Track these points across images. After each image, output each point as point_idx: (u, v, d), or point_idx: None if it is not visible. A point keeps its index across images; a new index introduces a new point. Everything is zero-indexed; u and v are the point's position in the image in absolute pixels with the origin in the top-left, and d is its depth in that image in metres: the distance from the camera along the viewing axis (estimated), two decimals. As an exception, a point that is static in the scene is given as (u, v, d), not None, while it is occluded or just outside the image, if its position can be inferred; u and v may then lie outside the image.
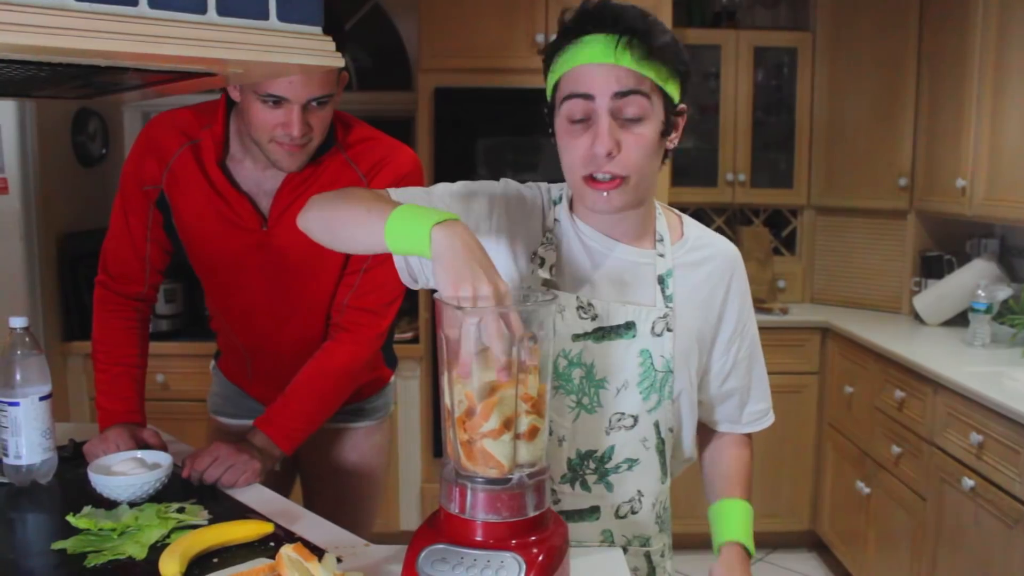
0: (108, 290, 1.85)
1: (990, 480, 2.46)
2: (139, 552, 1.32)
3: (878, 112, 3.73)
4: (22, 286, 3.22)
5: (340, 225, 1.25)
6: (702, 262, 1.42)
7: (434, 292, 1.15)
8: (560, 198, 1.41)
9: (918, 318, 3.60)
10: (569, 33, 1.28)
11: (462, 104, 3.49)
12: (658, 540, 1.45)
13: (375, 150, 1.77)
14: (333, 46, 1.18)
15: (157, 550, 1.31)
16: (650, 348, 1.35)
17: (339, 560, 1.29)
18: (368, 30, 4.01)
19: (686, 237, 1.43)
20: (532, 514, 1.15)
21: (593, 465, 1.36)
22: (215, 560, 1.31)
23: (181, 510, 1.48)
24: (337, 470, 2.02)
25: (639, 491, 1.39)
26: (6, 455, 1.60)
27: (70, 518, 1.42)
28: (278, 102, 1.58)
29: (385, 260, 1.71)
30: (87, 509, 1.46)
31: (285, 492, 1.97)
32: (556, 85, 1.30)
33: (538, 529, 1.16)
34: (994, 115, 3.05)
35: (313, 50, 1.17)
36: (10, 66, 1.12)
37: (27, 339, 1.59)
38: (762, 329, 4.01)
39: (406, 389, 3.61)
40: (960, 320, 3.43)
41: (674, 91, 1.29)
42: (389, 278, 1.70)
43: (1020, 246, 3.44)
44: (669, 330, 1.36)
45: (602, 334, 1.34)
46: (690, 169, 4.02)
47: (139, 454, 1.63)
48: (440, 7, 3.48)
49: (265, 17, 1.12)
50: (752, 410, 1.51)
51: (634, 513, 1.40)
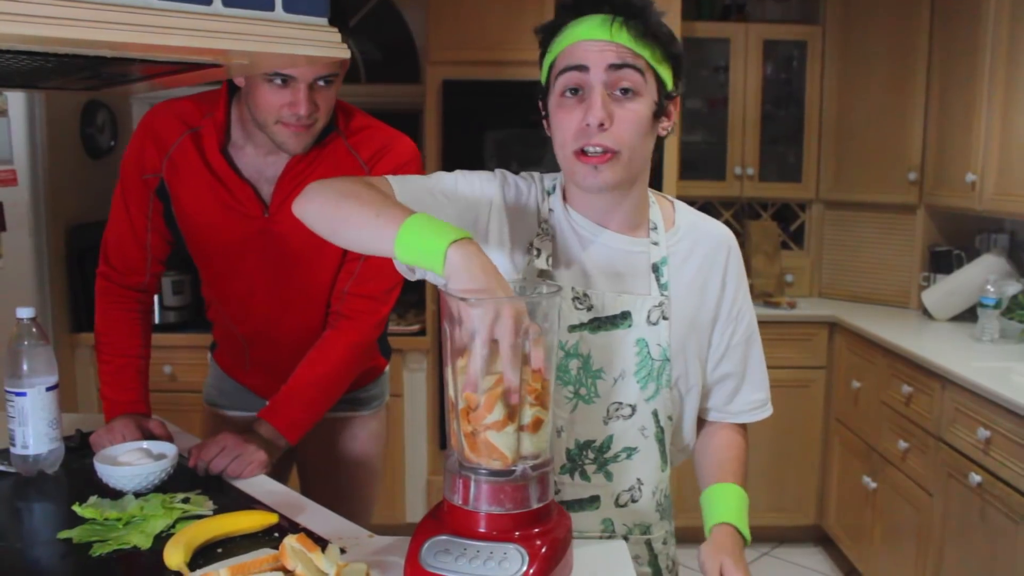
0: (110, 281, 1.86)
1: (997, 476, 2.45)
2: (144, 542, 1.33)
3: (887, 106, 3.71)
4: (30, 277, 3.23)
5: (344, 225, 1.23)
6: (696, 248, 1.41)
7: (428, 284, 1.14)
8: (554, 188, 1.41)
9: (926, 313, 3.59)
10: (566, 13, 1.30)
11: (470, 97, 3.49)
12: (659, 528, 1.45)
13: (376, 138, 1.79)
14: (339, 37, 1.18)
15: (162, 540, 1.31)
16: (646, 337, 1.35)
17: (343, 551, 1.30)
18: (377, 23, 4.00)
19: (679, 224, 1.42)
20: (535, 506, 1.15)
21: (592, 455, 1.36)
22: (219, 550, 1.32)
23: (186, 500, 1.48)
24: (334, 459, 2.03)
25: (639, 479, 1.39)
26: (13, 445, 1.60)
27: (76, 508, 1.43)
28: (285, 81, 1.60)
29: None
30: (93, 499, 1.47)
31: (282, 483, 1.97)
32: (552, 64, 1.31)
33: (541, 521, 1.16)
34: (1005, 109, 3.03)
35: (319, 41, 1.17)
36: (17, 57, 1.12)
37: (34, 330, 1.60)
38: (770, 323, 4.01)
39: (412, 381, 3.62)
40: (969, 315, 3.41)
41: (667, 75, 1.30)
42: (389, 265, 1.73)
43: (1030, 241, 3.43)
44: (665, 318, 1.36)
45: (598, 324, 1.34)
46: (698, 163, 4.02)
47: (145, 444, 1.63)
48: (449, 0, 3.48)
49: (271, 8, 1.11)
50: (747, 399, 1.48)
51: (634, 502, 1.40)
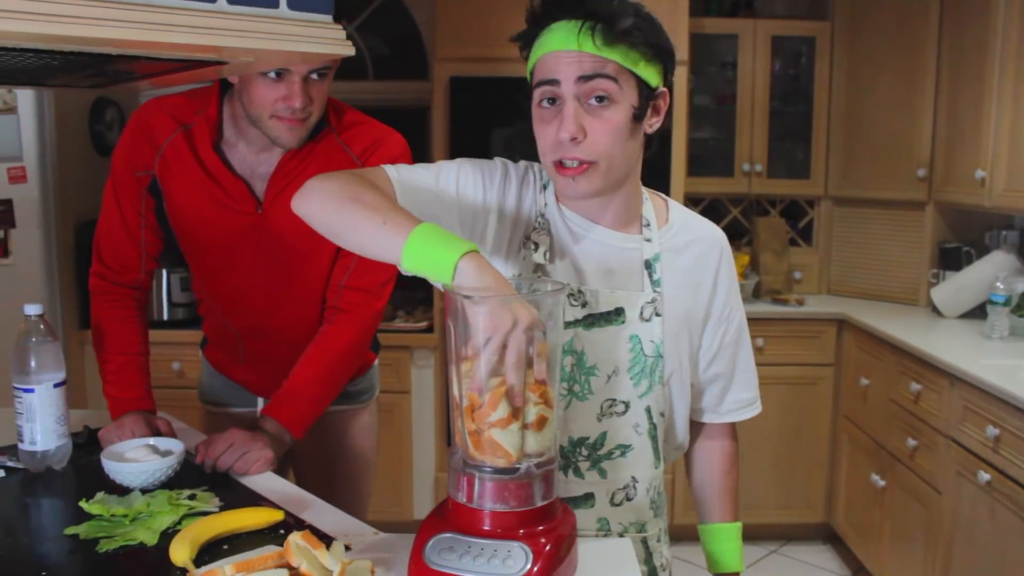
0: (105, 280, 1.86)
1: (1006, 474, 2.44)
2: (150, 538, 1.33)
3: (896, 102, 3.69)
4: (40, 274, 3.25)
5: (348, 229, 1.21)
6: (689, 246, 1.41)
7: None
8: (548, 182, 1.40)
9: (935, 310, 3.57)
10: (537, 21, 1.28)
11: (477, 93, 3.49)
12: (653, 525, 1.45)
13: (368, 133, 1.81)
14: (343, 34, 1.18)
15: (168, 536, 1.32)
16: (639, 334, 1.35)
17: (348, 548, 1.30)
18: (384, 19, 4.00)
19: (672, 221, 1.42)
20: (540, 504, 1.15)
21: (585, 452, 1.36)
22: (225, 547, 1.32)
23: (192, 497, 1.49)
24: (326, 453, 2.04)
25: (633, 477, 1.39)
26: (21, 441, 1.61)
27: (83, 504, 1.43)
28: (279, 75, 1.61)
29: None
30: (100, 495, 1.47)
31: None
32: (532, 73, 1.31)
33: (546, 519, 1.16)
34: (1015, 105, 3.01)
35: (324, 38, 1.17)
36: (23, 55, 1.12)
37: (42, 326, 1.60)
38: (778, 320, 3.99)
39: (420, 378, 3.62)
40: (978, 313, 3.40)
41: (650, 73, 1.26)
42: None
43: (1040, 238, 3.41)
44: (658, 315, 1.36)
45: (592, 321, 1.34)
46: (706, 159, 4.01)
47: (152, 441, 1.64)
48: (456, -4, 3.47)
49: (275, 5, 1.12)
50: (736, 398, 1.49)
51: (629, 500, 1.40)
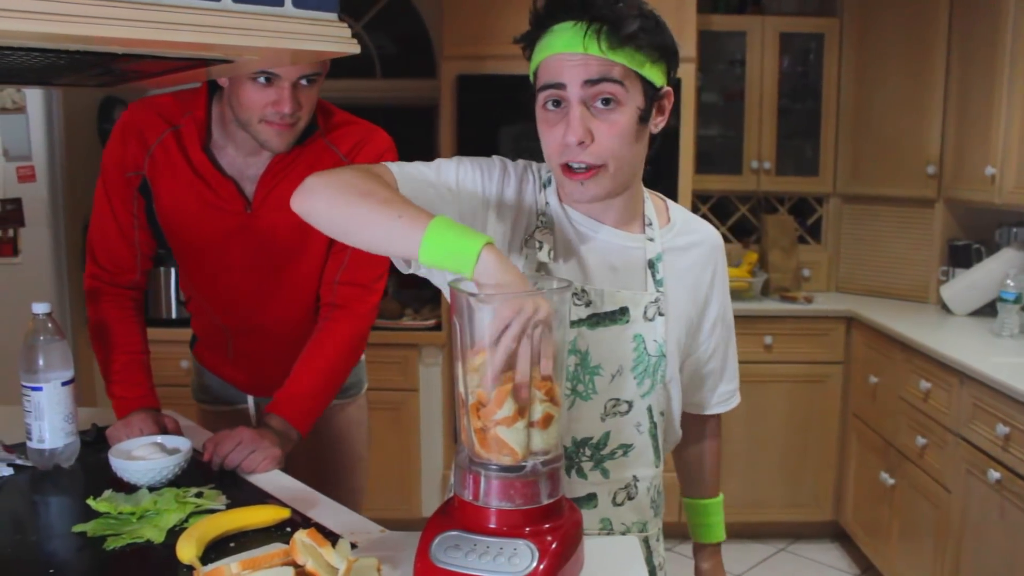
0: (101, 282, 1.86)
1: (1016, 472, 2.42)
2: (157, 536, 1.34)
3: (906, 99, 3.67)
4: (48, 273, 3.26)
5: (360, 225, 1.19)
6: (690, 246, 1.41)
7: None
8: (549, 180, 1.39)
9: (945, 308, 3.55)
10: (540, 22, 1.26)
11: (485, 91, 3.48)
12: (653, 524, 1.45)
13: (354, 133, 1.82)
14: (348, 32, 1.18)
15: (175, 534, 1.32)
16: (643, 333, 1.35)
17: (354, 546, 1.30)
18: (392, 18, 4.00)
19: (673, 221, 1.42)
20: (546, 502, 1.15)
21: (589, 452, 1.36)
22: (232, 544, 1.32)
23: (199, 495, 1.49)
24: (316, 447, 2.04)
25: (635, 476, 1.39)
26: (29, 439, 1.62)
27: (91, 502, 1.44)
28: (269, 80, 1.62)
29: None
30: (107, 493, 1.47)
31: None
32: (535, 74, 1.29)
33: (552, 517, 1.16)
34: (1025, 101, 2.99)
35: (329, 36, 1.17)
36: (29, 54, 1.12)
37: (49, 325, 1.61)
38: (786, 318, 3.97)
39: (428, 376, 3.62)
40: (988, 310, 3.38)
41: (655, 74, 1.25)
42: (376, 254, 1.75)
43: (1051, 235, 3.38)
44: (661, 314, 1.35)
45: (596, 320, 1.33)
46: (715, 156, 4.00)
47: (159, 439, 1.64)
48: (463, -6, 3.47)
49: (280, 3, 1.11)
50: (722, 391, 1.54)
51: (631, 499, 1.40)
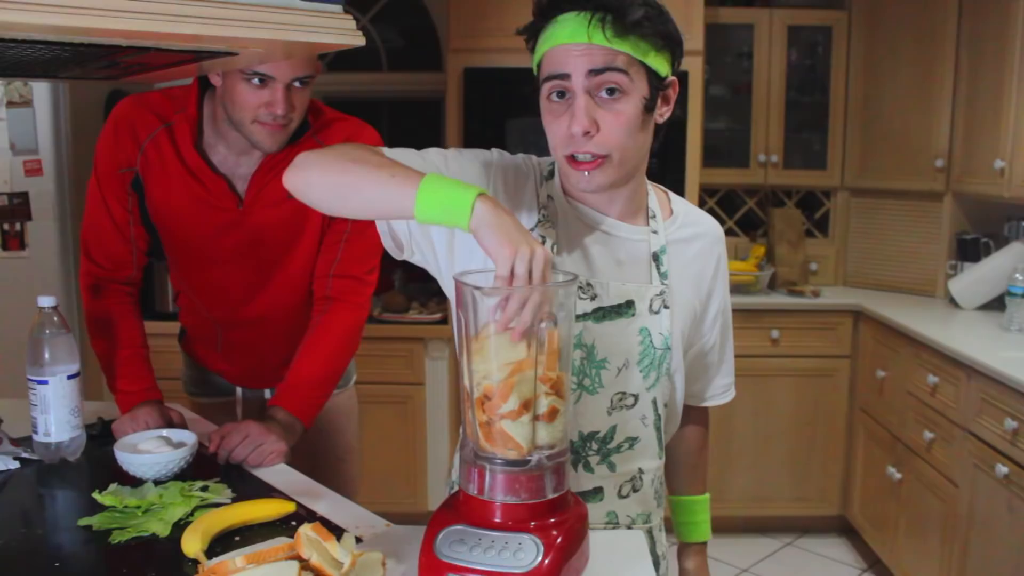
0: (98, 279, 1.86)
1: (1025, 467, 2.42)
2: (162, 529, 1.34)
3: (914, 92, 3.65)
4: (55, 266, 3.27)
5: (354, 190, 1.18)
6: (693, 239, 1.41)
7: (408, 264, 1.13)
8: (551, 173, 1.38)
9: (953, 302, 3.54)
10: (545, 12, 1.25)
11: (491, 84, 3.48)
12: (656, 515, 1.46)
13: (343, 129, 1.83)
14: (353, 24, 1.17)
15: (180, 528, 1.32)
16: (649, 326, 1.34)
17: (359, 540, 1.30)
18: (398, 11, 4.00)
19: (676, 213, 1.42)
20: (551, 496, 1.14)
21: (595, 446, 1.35)
22: (237, 538, 1.32)
23: (205, 488, 1.49)
24: (308, 437, 2.02)
25: (640, 469, 1.39)
26: (35, 432, 1.62)
27: (96, 495, 1.44)
28: (263, 81, 1.62)
29: (365, 228, 1.74)
30: (113, 486, 1.48)
31: None
32: (539, 66, 1.28)
33: (557, 511, 1.15)
34: (1035, 94, 2.97)
35: (334, 28, 1.16)
36: (34, 47, 1.12)
37: (55, 318, 1.61)
38: (794, 312, 3.96)
39: (434, 370, 3.62)
40: (996, 304, 3.36)
41: (660, 64, 1.24)
42: (369, 245, 1.77)
43: (1060, 229, 3.36)
44: (666, 307, 1.35)
45: (602, 314, 1.32)
46: (722, 150, 3.99)
47: (164, 433, 1.64)
48: (469, -13, 3.46)
49: (286, -6, 1.11)
50: (718, 384, 1.54)
51: (635, 491, 1.39)
